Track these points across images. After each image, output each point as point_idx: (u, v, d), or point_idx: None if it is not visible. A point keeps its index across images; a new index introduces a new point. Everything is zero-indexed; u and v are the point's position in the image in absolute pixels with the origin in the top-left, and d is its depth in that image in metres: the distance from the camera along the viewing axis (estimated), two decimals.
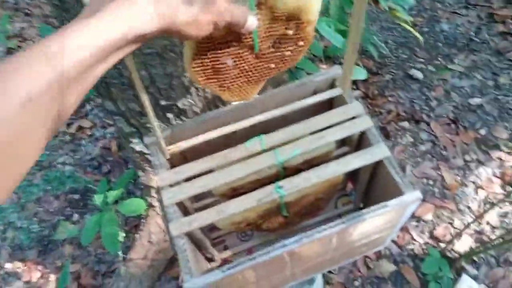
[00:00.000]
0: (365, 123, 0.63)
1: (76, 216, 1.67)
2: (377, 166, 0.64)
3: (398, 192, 0.59)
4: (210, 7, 0.37)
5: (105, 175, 1.75)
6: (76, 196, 1.73)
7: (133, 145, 1.13)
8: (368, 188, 0.73)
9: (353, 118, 0.64)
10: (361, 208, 0.81)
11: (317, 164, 0.67)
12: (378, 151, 0.60)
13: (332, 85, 0.70)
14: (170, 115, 1.00)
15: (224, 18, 0.40)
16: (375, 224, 0.61)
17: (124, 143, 1.18)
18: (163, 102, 0.95)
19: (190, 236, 0.62)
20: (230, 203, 0.58)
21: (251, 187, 0.64)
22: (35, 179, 1.78)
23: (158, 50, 0.80)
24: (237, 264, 0.54)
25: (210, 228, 0.80)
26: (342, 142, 0.70)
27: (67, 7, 0.71)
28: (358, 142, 0.68)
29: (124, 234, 1.46)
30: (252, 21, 0.44)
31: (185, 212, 0.66)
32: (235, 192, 0.62)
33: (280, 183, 0.59)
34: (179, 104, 0.97)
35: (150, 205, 1.39)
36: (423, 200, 1.48)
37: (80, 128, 1.92)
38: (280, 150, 0.61)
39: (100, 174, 1.76)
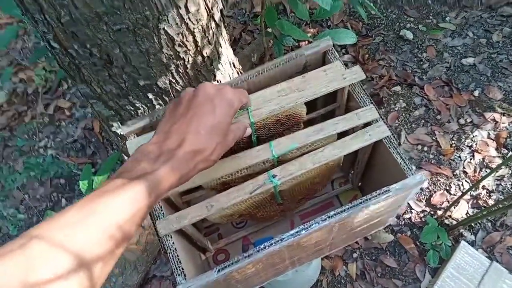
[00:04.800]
0: (371, 114, 0.57)
1: (63, 202, 1.62)
2: (376, 145, 0.59)
3: (399, 173, 0.55)
4: (226, 144, 0.47)
5: (90, 157, 1.68)
6: (62, 181, 1.67)
7: (114, 129, 1.06)
8: (367, 166, 0.68)
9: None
10: (359, 188, 0.77)
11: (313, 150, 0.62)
12: (377, 131, 0.55)
13: (324, 59, 0.63)
14: (150, 96, 0.93)
15: (232, 144, 0.49)
16: (377, 209, 0.57)
17: (105, 127, 1.11)
18: (142, 82, 0.88)
19: (180, 231, 0.58)
20: (221, 196, 0.53)
21: (243, 181, 0.59)
22: (16, 166, 1.71)
23: (129, 26, 0.72)
24: (232, 263, 0.50)
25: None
26: (331, 99, 0.64)
27: None
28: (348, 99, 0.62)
29: None
30: (248, 132, 0.53)
31: (172, 205, 0.61)
32: (226, 186, 0.57)
33: (273, 171, 0.54)
34: (159, 83, 0.90)
35: None
36: (419, 168, 1.46)
37: (59, 108, 1.83)
38: (275, 143, 0.55)
39: (85, 157, 1.69)
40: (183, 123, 0.44)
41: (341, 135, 0.57)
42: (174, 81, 0.90)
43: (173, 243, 0.52)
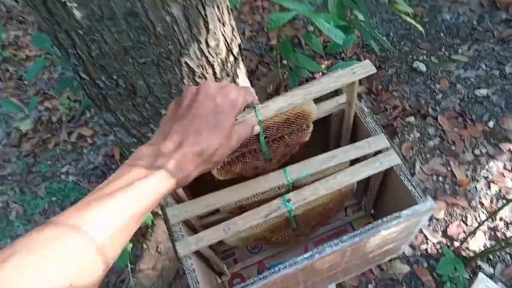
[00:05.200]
0: (382, 143, 0.59)
1: None
2: (388, 172, 0.61)
3: (410, 200, 0.56)
4: (230, 145, 0.44)
5: None
6: None
7: None
8: (379, 193, 0.70)
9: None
10: (372, 215, 0.78)
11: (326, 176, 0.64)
12: (387, 159, 0.58)
13: (336, 90, 0.66)
14: None
15: (237, 145, 0.46)
16: (389, 235, 0.58)
17: (127, 154, 1.16)
18: (163, 111, 0.93)
19: (198, 253, 0.60)
20: (237, 219, 0.56)
21: (259, 206, 0.61)
22: (39, 191, 1.76)
23: (153, 59, 0.78)
24: (247, 284, 0.52)
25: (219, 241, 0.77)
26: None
27: (58, 20, 0.68)
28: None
29: (131, 245, 1.44)
30: (256, 130, 0.50)
31: (191, 228, 0.64)
32: (242, 210, 0.60)
33: (288, 196, 0.56)
34: None
35: (156, 214, 1.36)
36: (435, 198, 1.45)
37: (81, 136, 1.90)
38: (289, 169, 0.58)
39: None
40: (184, 124, 0.42)
41: (354, 162, 0.59)
42: None
43: (191, 263, 0.55)
